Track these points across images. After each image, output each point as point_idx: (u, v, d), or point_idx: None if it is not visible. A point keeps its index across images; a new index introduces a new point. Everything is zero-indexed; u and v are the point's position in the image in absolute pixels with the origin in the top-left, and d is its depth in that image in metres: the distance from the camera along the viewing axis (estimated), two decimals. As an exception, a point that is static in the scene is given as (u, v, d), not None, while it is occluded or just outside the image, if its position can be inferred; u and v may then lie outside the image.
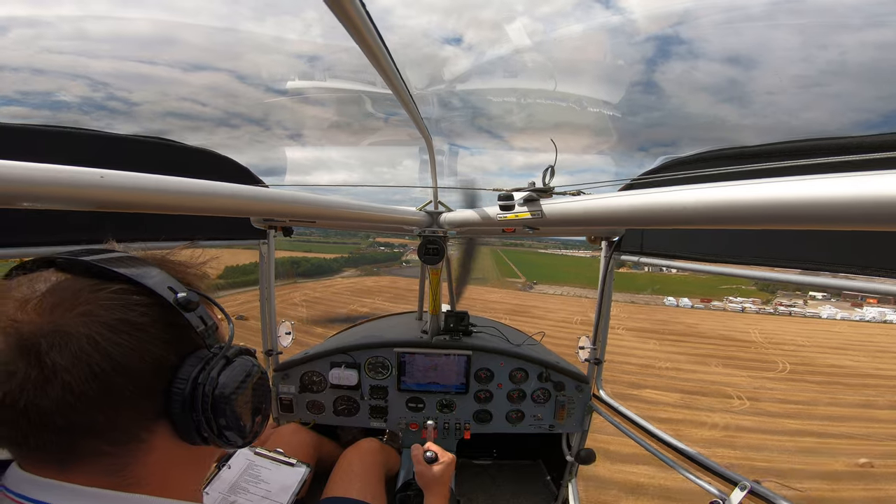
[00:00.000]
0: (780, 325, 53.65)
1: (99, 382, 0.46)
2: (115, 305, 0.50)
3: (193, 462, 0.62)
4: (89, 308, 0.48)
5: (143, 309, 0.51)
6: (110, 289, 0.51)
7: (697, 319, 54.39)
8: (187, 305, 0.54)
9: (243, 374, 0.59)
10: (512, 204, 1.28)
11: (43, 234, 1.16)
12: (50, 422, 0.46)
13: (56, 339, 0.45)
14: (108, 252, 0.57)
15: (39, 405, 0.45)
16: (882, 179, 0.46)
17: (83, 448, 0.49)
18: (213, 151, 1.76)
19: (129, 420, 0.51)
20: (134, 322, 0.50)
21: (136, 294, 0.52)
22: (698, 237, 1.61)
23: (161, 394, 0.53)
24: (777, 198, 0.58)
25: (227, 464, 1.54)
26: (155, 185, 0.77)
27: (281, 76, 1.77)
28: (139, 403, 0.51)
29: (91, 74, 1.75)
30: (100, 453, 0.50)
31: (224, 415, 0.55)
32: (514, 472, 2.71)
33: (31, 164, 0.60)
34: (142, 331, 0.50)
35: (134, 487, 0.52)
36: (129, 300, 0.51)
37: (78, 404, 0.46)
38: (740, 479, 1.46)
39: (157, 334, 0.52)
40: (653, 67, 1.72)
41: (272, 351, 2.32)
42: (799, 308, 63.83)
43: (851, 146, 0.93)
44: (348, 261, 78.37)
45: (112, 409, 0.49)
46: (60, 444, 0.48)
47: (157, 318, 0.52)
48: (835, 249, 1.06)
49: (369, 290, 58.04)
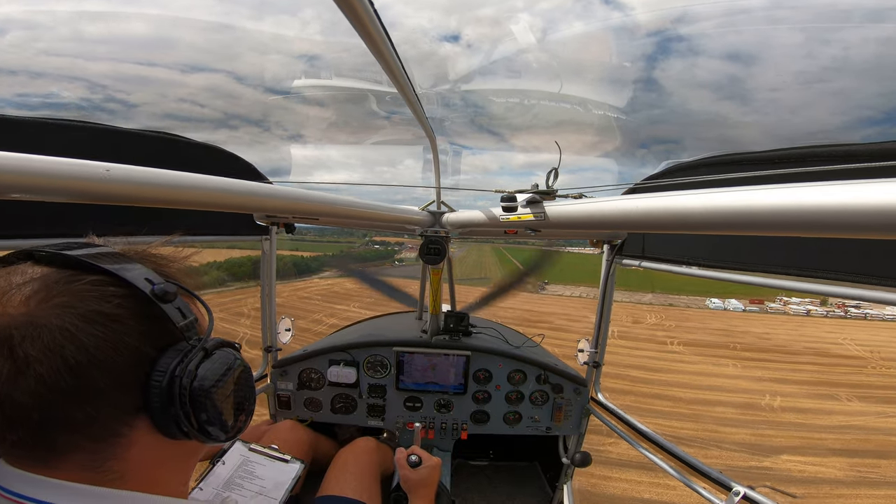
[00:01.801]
0: (866, 332, 40.40)
1: (73, 374, 0.46)
2: (91, 296, 0.49)
3: (176, 457, 0.61)
4: (64, 299, 0.47)
5: (119, 300, 0.50)
6: (86, 280, 0.50)
7: (762, 327, 41.79)
8: (164, 297, 0.53)
9: (224, 367, 0.58)
10: (515, 205, 1.28)
11: (39, 226, 1.16)
12: (26, 416, 0.45)
13: (28, 331, 0.45)
14: (88, 246, 0.56)
15: (14, 399, 0.44)
16: (889, 187, 0.46)
17: (61, 443, 0.49)
18: (218, 147, 1.75)
19: (107, 414, 0.50)
20: (109, 313, 0.49)
21: (112, 285, 0.51)
22: (700, 242, 1.61)
23: (139, 387, 0.52)
24: (781, 204, 0.57)
25: (222, 460, 1.54)
26: (159, 180, 0.76)
27: (285, 75, 1.76)
28: (116, 397, 0.50)
29: (89, 76, 1.75)
30: (79, 449, 0.50)
31: (204, 409, 0.54)
32: (510, 474, 2.71)
33: (39, 156, 0.60)
34: (118, 322, 0.49)
35: (116, 483, 0.52)
36: (104, 291, 0.50)
37: (52, 397, 0.45)
38: (735, 485, 1.46)
39: (134, 326, 0.51)
40: (654, 65, 1.71)
41: (271, 347, 2.30)
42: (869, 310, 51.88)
43: (857, 153, 0.93)
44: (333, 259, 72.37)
45: (88, 403, 0.48)
46: (38, 440, 0.48)
47: (133, 309, 0.51)
48: (840, 258, 1.06)
49: (347, 293, 47.59)
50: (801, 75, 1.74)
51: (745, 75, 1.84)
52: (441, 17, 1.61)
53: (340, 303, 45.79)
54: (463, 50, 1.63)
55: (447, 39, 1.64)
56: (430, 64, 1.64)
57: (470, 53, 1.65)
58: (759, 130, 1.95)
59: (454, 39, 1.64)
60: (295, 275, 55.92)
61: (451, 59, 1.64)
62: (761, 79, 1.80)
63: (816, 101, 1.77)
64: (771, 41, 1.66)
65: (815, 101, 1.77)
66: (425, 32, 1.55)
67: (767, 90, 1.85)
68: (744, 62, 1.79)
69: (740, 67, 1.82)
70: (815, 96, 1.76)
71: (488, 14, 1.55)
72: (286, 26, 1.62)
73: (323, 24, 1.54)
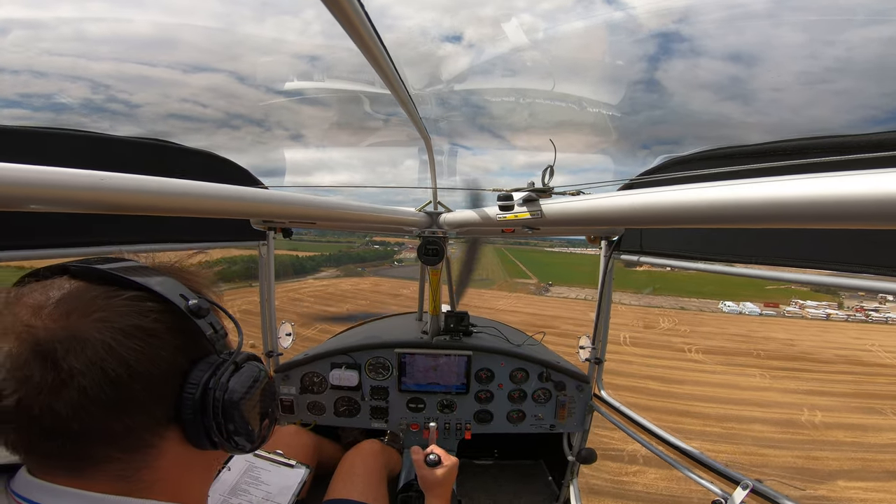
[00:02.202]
0: (893, 338, 38.14)
1: (113, 387, 0.47)
2: (130, 312, 0.51)
3: (202, 466, 0.63)
4: (104, 314, 0.49)
5: (156, 315, 0.53)
6: (124, 296, 0.52)
7: (783, 332, 39.97)
8: (198, 312, 0.56)
9: (251, 380, 0.60)
10: (511, 204, 1.27)
11: (45, 236, 1.16)
12: (65, 427, 0.46)
13: (72, 345, 0.46)
14: (120, 261, 0.58)
15: (54, 410, 0.45)
16: (884, 178, 0.46)
17: (95, 454, 0.50)
18: (212, 153, 1.77)
19: (142, 426, 0.52)
20: (147, 328, 0.51)
21: (149, 301, 0.53)
22: (697, 236, 1.61)
23: (172, 399, 0.54)
24: (776, 196, 0.57)
25: (227, 466, 1.55)
26: (155, 188, 0.76)
27: (280, 76, 1.77)
28: (152, 409, 0.52)
29: (92, 76, 1.76)
30: (111, 459, 0.51)
31: (233, 419, 0.57)
32: (515, 472, 2.70)
33: (33, 166, 0.60)
34: (155, 337, 0.52)
35: (144, 493, 0.53)
36: (142, 307, 0.52)
37: (93, 409, 0.47)
38: (742, 479, 1.44)
39: (170, 340, 0.53)
40: (654, 65, 1.70)
41: (273, 352, 2.32)
42: (890, 314, 49.69)
43: (852, 144, 0.92)
44: (329, 259, 69.65)
45: (126, 414, 0.50)
46: (73, 450, 0.49)
47: (169, 324, 0.54)
48: (835, 248, 1.05)
49: (342, 295, 45.61)
50: (803, 75, 1.73)
51: (747, 75, 1.83)
52: (436, 16, 1.62)
53: (336, 305, 43.57)
54: (457, 49, 1.64)
55: (441, 39, 1.65)
56: (424, 64, 1.64)
57: (464, 53, 1.65)
58: (761, 130, 1.93)
59: (449, 39, 1.64)
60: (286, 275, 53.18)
61: (445, 58, 1.65)
62: (763, 78, 1.79)
63: (819, 101, 1.75)
64: (773, 41, 1.64)
65: (817, 101, 1.75)
66: (418, 32, 1.56)
67: (769, 90, 1.83)
68: (745, 62, 1.77)
69: (741, 67, 1.81)
70: (817, 96, 1.74)
71: (486, 13, 1.55)
72: (286, 27, 1.63)
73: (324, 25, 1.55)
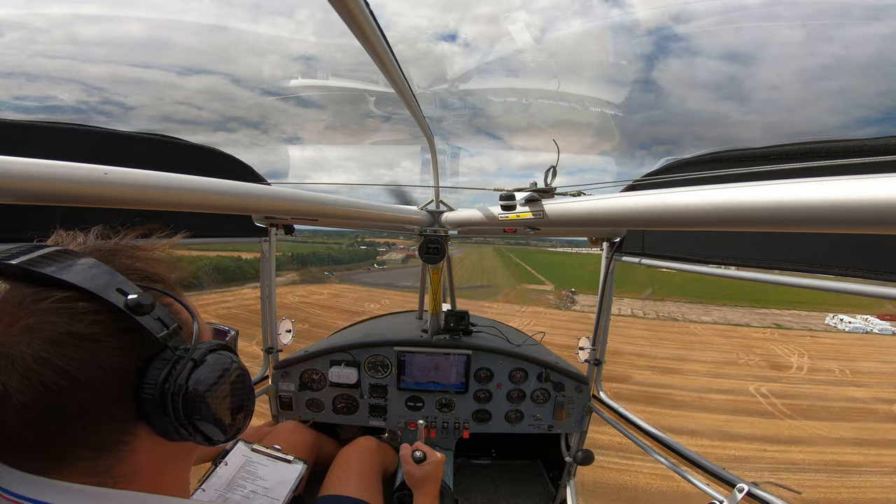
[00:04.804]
0: None
1: (57, 398, 0.44)
2: (60, 318, 0.45)
3: (179, 455, 0.61)
4: (31, 321, 0.45)
5: (91, 317, 0.47)
6: (53, 298, 0.46)
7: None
8: (139, 308, 0.49)
9: (217, 373, 0.56)
10: (514, 204, 1.27)
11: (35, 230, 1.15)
12: (21, 438, 0.45)
13: (1, 362, 0.43)
14: (39, 249, 0.50)
15: (8, 424, 0.44)
16: (886, 183, 0.46)
17: (65, 457, 0.48)
18: (216, 149, 1.74)
19: (106, 427, 0.49)
20: (82, 333, 0.46)
21: (81, 301, 0.47)
22: (700, 239, 1.61)
23: (132, 399, 0.50)
24: (779, 200, 0.57)
25: (224, 460, 1.54)
26: (158, 182, 0.76)
27: (282, 77, 1.76)
28: (112, 411, 0.49)
29: (86, 79, 1.74)
30: (83, 458, 0.49)
31: (199, 414, 0.53)
32: (512, 472, 2.71)
33: (37, 160, 0.59)
34: (93, 341, 0.46)
35: (123, 484, 0.51)
36: (74, 309, 0.46)
37: (43, 421, 0.44)
38: (738, 481, 1.45)
39: (113, 342, 0.48)
40: (653, 65, 1.71)
41: (272, 349, 2.30)
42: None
43: (855, 149, 0.92)
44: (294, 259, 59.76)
45: (84, 421, 0.47)
46: (41, 453, 0.47)
47: (108, 324, 0.48)
48: (838, 252, 1.06)
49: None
50: (800, 74, 1.74)
51: (744, 74, 1.84)
52: (439, 15, 1.61)
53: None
54: (461, 49, 1.63)
55: (445, 39, 1.64)
56: (428, 63, 1.63)
57: (468, 53, 1.65)
58: (759, 129, 1.94)
59: (452, 39, 1.64)
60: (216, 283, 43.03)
61: (449, 58, 1.64)
62: (760, 77, 1.80)
63: (815, 100, 1.77)
64: (770, 40, 1.65)
65: (814, 100, 1.77)
66: (422, 32, 1.55)
67: (767, 89, 1.84)
68: (742, 61, 1.78)
69: (739, 66, 1.82)
70: (814, 95, 1.75)
71: (486, 13, 1.55)
72: (282, 27, 1.62)
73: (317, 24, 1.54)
